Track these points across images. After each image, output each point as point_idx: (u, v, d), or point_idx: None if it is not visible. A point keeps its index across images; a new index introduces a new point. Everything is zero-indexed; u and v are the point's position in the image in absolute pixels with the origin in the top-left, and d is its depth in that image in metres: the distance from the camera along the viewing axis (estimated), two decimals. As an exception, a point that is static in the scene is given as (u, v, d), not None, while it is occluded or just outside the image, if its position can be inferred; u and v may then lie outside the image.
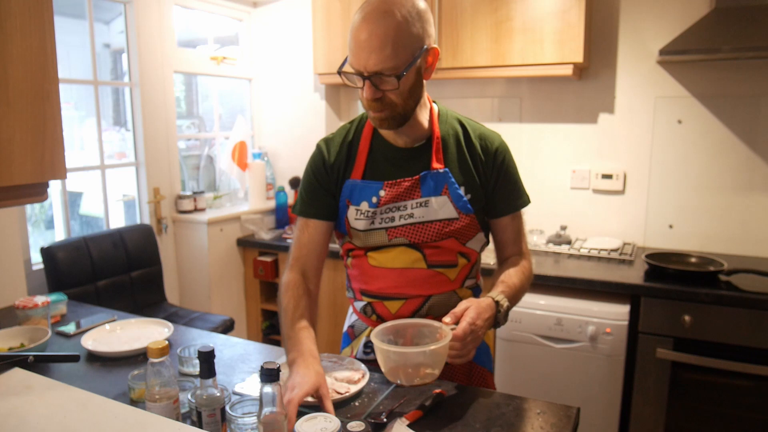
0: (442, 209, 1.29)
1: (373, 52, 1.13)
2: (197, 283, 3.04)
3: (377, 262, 1.34)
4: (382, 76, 1.15)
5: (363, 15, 1.14)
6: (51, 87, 0.91)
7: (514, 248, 1.40)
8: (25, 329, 1.54)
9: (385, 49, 1.12)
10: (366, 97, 1.18)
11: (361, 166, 1.33)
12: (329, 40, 2.93)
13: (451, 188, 1.29)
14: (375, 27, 1.12)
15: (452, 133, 1.33)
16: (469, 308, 1.16)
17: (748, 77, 2.44)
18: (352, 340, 1.47)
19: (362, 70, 1.16)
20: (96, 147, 2.71)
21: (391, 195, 1.30)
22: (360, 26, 1.14)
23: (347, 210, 1.33)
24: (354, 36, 1.15)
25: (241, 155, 3.20)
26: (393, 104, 1.19)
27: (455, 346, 1.13)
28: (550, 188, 2.86)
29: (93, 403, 1.06)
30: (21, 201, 0.95)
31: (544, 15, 2.43)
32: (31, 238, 2.47)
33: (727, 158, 2.52)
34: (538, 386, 2.31)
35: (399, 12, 1.13)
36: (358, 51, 1.15)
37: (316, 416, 1.04)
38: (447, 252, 1.32)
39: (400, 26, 1.13)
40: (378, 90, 1.17)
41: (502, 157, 1.34)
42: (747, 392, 2.04)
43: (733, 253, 2.52)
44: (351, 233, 1.34)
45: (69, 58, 2.71)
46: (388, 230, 1.30)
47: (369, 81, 1.16)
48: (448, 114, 1.36)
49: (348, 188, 1.33)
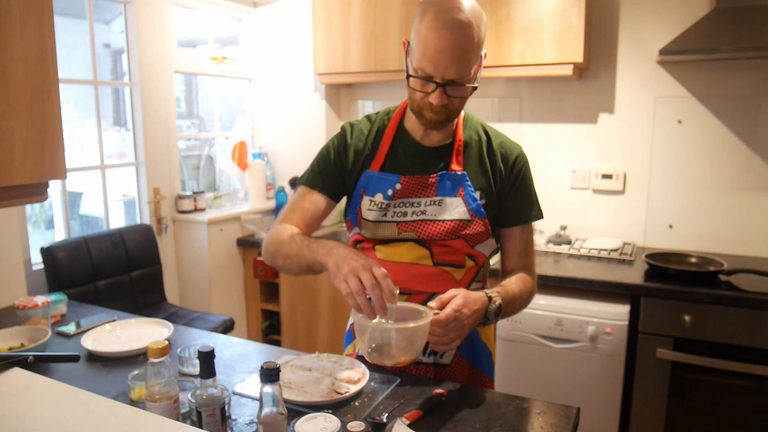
0: (456, 210, 1.30)
1: (454, 62, 1.14)
2: (197, 283, 3.04)
3: (384, 255, 1.34)
4: (456, 84, 1.17)
5: (443, 23, 1.13)
6: (51, 87, 0.91)
7: (520, 261, 1.39)
8: (25, 329, 1.54)
9: (465, 61, 1.15)
10: (436, 103, 1.19)
11: (381, 158, 1.34)
12: (329, 40, 2.93)
13: (467, 191, 1.30)
14: (459, 38, 1.12)
15: (475, 138, 1.35)
16: (457, 296, 1.16)
17: (748, 77, 2.43)
18: (354, 338, 1.47)
19: (438, 77, 1.16)
20: (96, 147, 2.71)
21: (407, 189, 1.31)
22: (441, 34, 1.12)
23: (361, 200, 1.34)
24: (433, 42, 1.13)
25: (241, 155, 3.20)
26: (455, 109, 1.23)
27: (436, 332, 1.13)
28: (550, 188, 2.85)
29: (93, 403, 1.06)
30: (21, 201, 0.95)
31: (544, 15, 2.43)
32: (31, 238, 2.47)
33: (727, 158, 2.52)
34: (538, 386, 2.31)
35: (475, 23, 1.14)
36: (437, 59, 1.14)
37: (316, 416, 1.04)
38: (455, 252, 1.32)
39: (478, 38, 1.15)
40: (447, 96, 1.19)
41: (520, 167, 1.35)
42: (747, 392, 2.04)
43: (733, 253, 2.52)
44: (361, 224, 1.35)
45: (69, 58, 2.71)
46: (399, 224, 1.31)
47: (442, 88, 1.17)
48: (473, 120, 1.38)
49: (365, 178, 1.34)
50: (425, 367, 1.36)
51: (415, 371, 1.36)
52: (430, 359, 1.36)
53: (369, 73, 2.88)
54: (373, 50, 2.83)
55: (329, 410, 1.12)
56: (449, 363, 1.37)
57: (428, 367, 1.36)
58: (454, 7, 1.14)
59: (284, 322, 3.13)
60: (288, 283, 3.06)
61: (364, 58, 2.85)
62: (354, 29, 2.86)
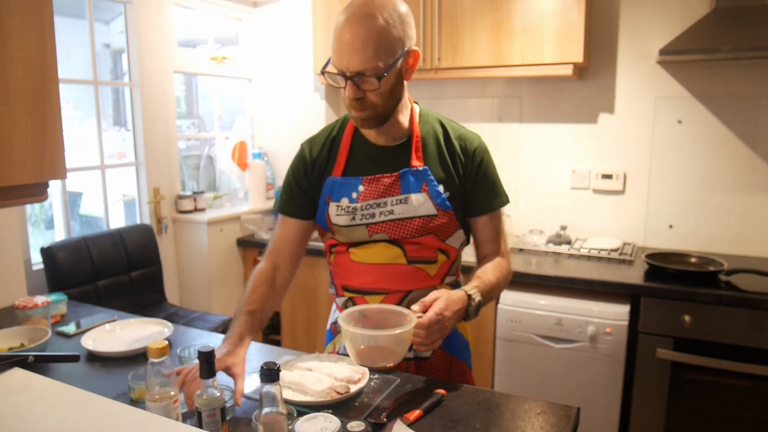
0: (422, 206, 1.31)
1: (355, 53, 1.17)
2: (197, 283, 3.04)
3: (358, 257, 1.36)
4: (364, 76, 1.19)
5: (346, 17, 1.18)
6: (51, 87, 0.91)
7: (493, 247, 1.42)
8: (25, 329, 1.54)
9: (366, 51, 1.17)
10: (348, 97, 1.23)
11: (341, 163, 1.37)
12: (329, 40, 2.91)
13: (430, 185, 1.32)
14: (358, 29, 1.16)
15: (432, 133, 1.37)
16: (439, 299, 1.19)
17: (748, 77, 2.44)
18: (335, 336, 1.50)
19: (344, 70, 1.20)
20: (96, 147, 2.71)
21: (371, 191, 1.33)
22: (343, 27, 1.18)
23: (328, 206, 1.36)
24: (337, 37, 1.19)
25: (241, 155, 3.20)
26: (373, 104, 1.24)
27: (420, 334, 1.15)
28: (550, 188, 2.86)
29: (93, 403, 1.06)
30: (21, 201, 0.95)
31: (544, 15, 2.43)
32: (31, 238, 2.47)
33: (727, 158, 2.52)
34: (538, 386, 2.31)
35: (381, 15, 1.17)
36: (340, 51, 1.19)
37: (316, 416, 1.04)
38: (427, 248, 1.34)
39: (382, 29, 1.17)
40: (359, 90, 1.21)
41: (480, 157, 1.37)
42: (747, 392, 2.04)
43: (733, 253, 2.52)
44: (333, 229, 1.37)
45: (69, 58, 2.71)
46: (369, 226, 1.33)
47: (351, 81, 1.20)
48: (429, 115, 1.40)
49: (329, 185, 1.37)
50: (406, 362, 1.39)
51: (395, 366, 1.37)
52: (410, 354, 1.38)
53: (369, 73, 2.87)
54: (373, 50, 2.82)
55: (329, 410, 1.12)
56: (429, 356, 1.40)
57: (409, 362, 1.39)
58: (361, 3, 1.19)
59: (284, 322, 3.13)
60: (288, 283, 3.06)
61: (364, 58, 2.85)
62: (354, 29, 2.85)
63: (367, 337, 1.16)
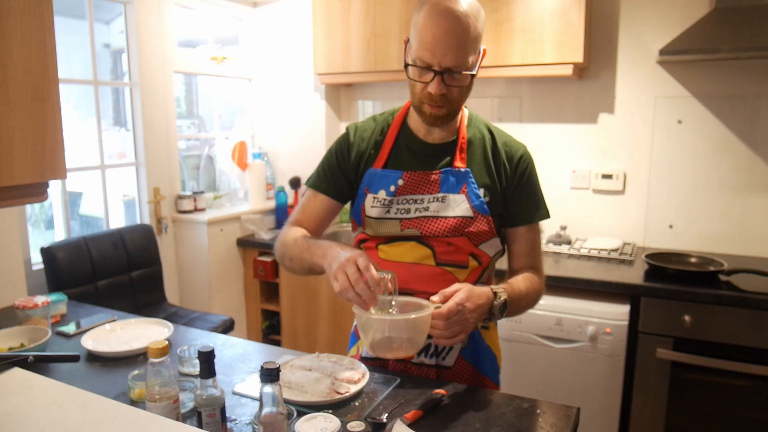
0: (459, 206, 1.30)
1: (451, 49, 1.16)
2: (197, 283, 3.04)
3: (387, 255, 1.34)
4: (453, 73, 1.19)
5: (440, 11, 1.16)
6: (51, 87, 0.91)
7: (527, 260, 1.39)
8: (25, 329, 1.54)
9: (461, 49, 1.17)
10: (434, 92, 1.20)
11: (384, 156, 1.35)
12: (329, 40, 2.93)
13: (470, 188, 1.30)
14: (455, 26, 1.15)
15: (479, 137, 1.36)
16: (460, 290, 1.16)
17: (748, 77, 2.43)
18: (359, 339, 1.47)
19: (435, 65, 1.18)
20: (96, 147, 2.71)
21: (410, 186, 1.32)
22: (438, 23, 1.16)
23: (365, 198, 1.35)
24: (431, 32, 1.16)
25: (241, 155, 3.20)
26: (454, 101, 1.24)
27: (438, 325, 1.13)
28: (550, 188, 2.84)
29: (93, 403, 1.06)
30: (21, 201, 0.95)
31: (544, 15, 2.43)
32: (31, 238, 2.47)
33: (727, 158, 2.52)
34: (538, 386, 2.31)
35: (472, 14, 1.18)
36: (434, 47, 1.16)
37: (316, 416, 1.04)
38: (458, 251, 1.31)
39: (473, 26, 1.18)
40: (445, 85, 1.20)
41: (525, 166, 1.35)
42: (747, 392, 2.04)
43: (733, 253, 2.52)
44: (365, 222, 1.35)
45: (69, 58, 2.71)
46: (402, 221, 1.32)
47: (440, 76, 1.19)
48: (477, 119, 1.39)
49: (369, 177, 1.35)
50: (427, 368, 1.35)
51: (416, 372, 1.36)
52: (432, 360, 1.35)
53: (369, 73, 2.88)
54: (373, 50, 2.83)
55: (329, 410, 1.12)
56: (451, 365, 1.36)
57: (430, 369, 1.36)
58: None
59: (284, 322, 3.13)
60: (288, 283, 3.06)
61: (364, 58, 2.86)
62: (354, 29, 2.86)
63: (381, 321, 1.14)
